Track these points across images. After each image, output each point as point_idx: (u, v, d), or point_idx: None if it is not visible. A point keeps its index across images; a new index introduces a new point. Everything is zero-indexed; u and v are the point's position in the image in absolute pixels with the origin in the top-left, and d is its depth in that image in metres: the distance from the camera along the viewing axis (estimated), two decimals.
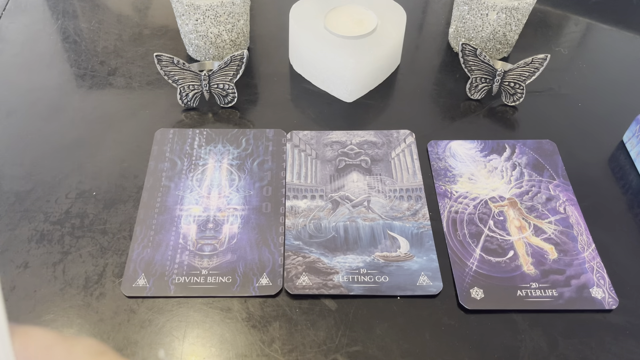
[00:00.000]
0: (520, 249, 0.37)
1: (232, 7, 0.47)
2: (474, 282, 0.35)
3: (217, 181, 0.41)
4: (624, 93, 0.50)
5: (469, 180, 0.41)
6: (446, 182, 0.41)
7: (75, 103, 0.47)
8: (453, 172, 0.42)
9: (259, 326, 0.33)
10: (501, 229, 0.38)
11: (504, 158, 0.42)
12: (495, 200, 0.40)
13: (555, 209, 0.39)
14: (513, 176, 0.41)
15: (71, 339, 0.15)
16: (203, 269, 0.36)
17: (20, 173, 0.41)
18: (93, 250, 0.37)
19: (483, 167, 0.42)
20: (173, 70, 0.44)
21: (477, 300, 0.35)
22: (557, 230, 0.38)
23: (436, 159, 0.42)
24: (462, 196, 0.40)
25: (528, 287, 0.35)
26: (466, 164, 0.42)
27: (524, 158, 0.42)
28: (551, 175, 0.41)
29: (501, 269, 0.36)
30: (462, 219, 0.39)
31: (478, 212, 0.39)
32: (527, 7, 0.48)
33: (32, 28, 0.54)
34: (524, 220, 0.39)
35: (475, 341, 0.33)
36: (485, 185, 0.41)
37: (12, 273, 0.35)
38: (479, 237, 0.38)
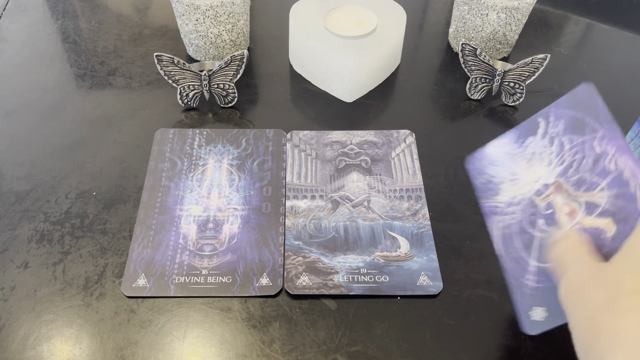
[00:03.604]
0: None
1: (232, 7, 0.47)
2: (532, 302, 0.31)
3: (217, 181, 0.41)
4: (624, 93, 0.50)
5: (511, 183, 0.35)
6: (489, 196, 0.36)
7: (75, 103, 0.47)
8: (494, 181, 0.36)
9: (259, 326, 0.33)
10: (552, 224, 0.32)
11: (540, 135, 0.35)
12: (540, 192, 0.34)
13: (605, 168, 0.32)
14: (553, 153, 0.34)
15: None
16: (203, 269, 0.36)
17: (20, 173, 0.41)
18: (93, 250, 0.37)
19: (521, 158, 0.35)
20: (173, 70, 0.44)
21: (539, 322, 0.31)
22: (612, 196, 0.31)
23: (477, 175, 0.37)
24: (508, 205, 0.35)
25: None
26: (506, 166, 0.36)
27: (560, 124, 0.35)
28: (594, 128, 0.33)
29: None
30: (512, 231, 0.34)
31: (525, 215, 0.34)
32: (527, 7, 0.48)
33: (32, 28, 0.54)
34: (574, 201, 0.32)
35: (475, 341, 0.33)
36: (528, 179, 0.35)
37: (12, 273, 0.35)
38: (531, 245, 0.33)
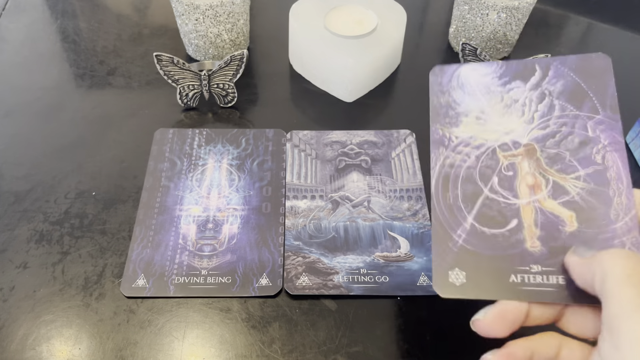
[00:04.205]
0: (527, 217, 0.28)
1: (232, 6, 0.46)
2: (455, 262, 0.27)
3: (217, 181, 0.41)
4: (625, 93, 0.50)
5: (476, 121, 0.30)
6: (445, 124, 0.30)
7: (75, 103, 0.47)
8: (457, 109, 0.30)
9: (258, 327, 0.33)
10: (507, 188, 0.28)
11: (530, 85, 0.30)
12: (507, 148, 0.29)
13: (590, 157, 0.28)
14: (538, 111, 0.29)
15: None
16: (203, 269, 0.35)
17: (19, 173, 0.41)
18: (92, 250, 0.37)
19: (499, 99, 0.30)
20: (173, 70, 0.44)
21: (455, 286, 0.27)
22: (585, 190, 0.28)
23: (438, 92, 0.31)
24: (462, 143, 0.29)
25: (527, 271, 0.27)
26: (476, 97, 0.30)
27: (558, 83, 0.30)
28: (594, 107, 0.29)
29: (496, 243, 0.27)
30: (457, 175, 0.29)
31: (480, 166, 0.29)
32: (528, 7, 0.48)
33: (32, 28, 0.54)
34: (541, 175, 0.28)
35: (475, 341, 0.33)
36: (498, 126, 0.30)
37: (12, 273, 0.35)
38: (475, 200, 0.28)
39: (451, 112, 0.30)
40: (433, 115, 0.30)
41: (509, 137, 0.29)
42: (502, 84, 0.30)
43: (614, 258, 0.22)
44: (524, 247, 0.27)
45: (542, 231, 0.27)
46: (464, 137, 0.30)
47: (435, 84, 0.31)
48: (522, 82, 0.30)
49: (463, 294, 0.27)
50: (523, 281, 0.27)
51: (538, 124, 0.29)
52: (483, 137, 0.30)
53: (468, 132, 0.30)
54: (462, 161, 0.29)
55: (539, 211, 0.28)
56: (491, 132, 0.30)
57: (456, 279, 0.27)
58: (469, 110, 0.30)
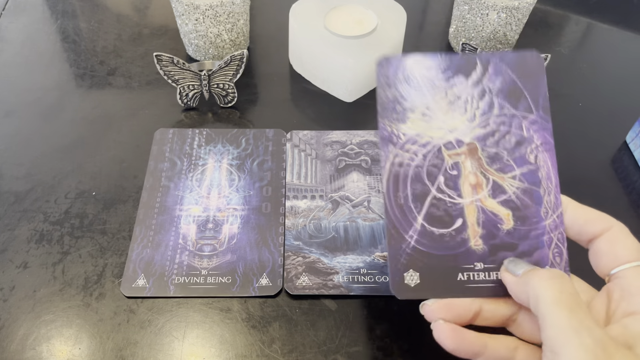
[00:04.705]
0: (470, 216, 0.29)
1: (232, 6, 0.46)
2: (410, 264, 0.28)
3: (217, 181, 0.41)
4: (625, 93, 0.50)
5: (422, 117, 0.29)
6: (393, 120, 0.29)
7: (75, 103, 0.47)
8: (404, 104, 0.30)
9: (258, 326, 0.33)
10: (452, 187, 0.29)
11: (472, 82, 0.30)
12: (451, 147, 0.29)
13: (525, 157, 0.29)
14: (479, 109, 0.30)
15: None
16: (203, 269, 0.35)
17: (19, 173, 0.41)
18: (92, 250, 0.37)
19: (443, 95, 0.30)
20: (173, 70, 0.44)
21: (410, 287, 0.28)
22: (519, 189, 0.29)
23: (385, 85, 0.30)
24: (410, 141, 0.29)
25: (472, 269, 0.28)
26: (422, 92, 0.30)
27: (497, 81, 0.30)
28: (528, 107, 0.30)
29: (444, 244, 0.28)
30: (406, 175, 0.29)
31: (427, 165, 0.29)
32: (528, 7, 0.48)
33: (32, 28, 0.54)
34: (482, 175, 0.29)
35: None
36: (442, 123, 0.30)
37: (12, 273, 0.35)
38: (424, 200, 0.29)
39: (398, 108, 0.30)
40: (381, 110, 0.29)
41: (453, 136, 0.30)
42: (445, 79, 0.30)
43: (542, 280, 0.24)
44: (468, 245, 0.28)
45: (484, 230, 0.28)
46: (411, 134, 0.29)
47: (382, 76, 0.30)
48: (464, 77, 0.30)
49: (417, 294, 0.28)
50: (469, 279, 0.28)
51: (480, 122, 0.30)
52: (429, 134, 0.29)
53: (415, 129, 0.29)
54: (411, 160, 0.29)
55: (481, 210, 0.29)
56: (436, 129, 0.30)
57: (411, 280, 0.28)
58: (415, 106, 0.30)
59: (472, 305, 0.27)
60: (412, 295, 0.28)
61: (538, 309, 0.23)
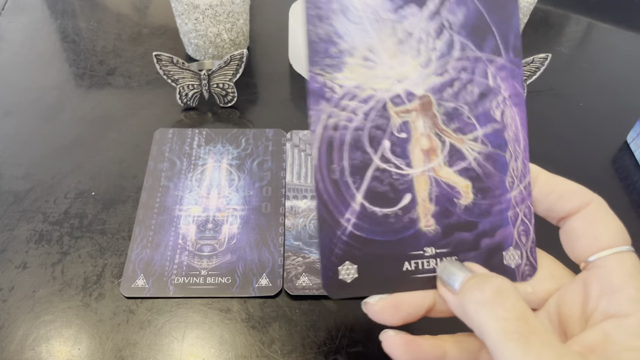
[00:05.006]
0: (421, 191, 0.23)
1: (232, 6, 0.46)
2: (345, 254, 0.23)
3: (217, 181, 0.41)
4: (626, 93, 0.50)
5: (363, 63, 0.23)
6: (326, 67, 0.22)
7: (74, 103, 0.47)
8: (340, 45, 0.23)
9: (258, 327, 0.33)
10: (400, 155, 0.23)
11: (428, 13, 0.23)
12: (400, 102, 0.23)
13: (489, 113, 0.24)
14: (436, 51, 0.23)
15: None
16: (202, 269, 0.35)
17: (19, 173, 0.41)
18: (92, 250, 0.36)
19: (390, 32, 0.23)
20: (172, 69, 0.44)
21: (346, 284, 0.23)
22: (482, 154, 0.23)
23: (315, 18, 0.23)
24: (348, 95, 0.23)
25: (421, 256, 0.23)
26: (363, 28, 0.23)
27: (459, 12, 0.23)
28: (496, 48, 0.24)
29: (388, 227, 0.23)
30: (342, 141, 0.23)
31: (370, 126, 0.23)
32: (528, 7, 0.47)
33: (31, 27, 0.54)
34: (437, 136, 0.23)
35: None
36: (389, 70, 0.23)
37: (11, 273, 0.35)
38: (364, 172, 0.23)
39: (333, 50, 0.22)
40: (310, 53, 0.22)
41: (402, 87, 0.23)
42: (393, 9, 0.23)
43: (480, 308, 0.19)
44: (417, 227, 0.23)
45: (437, 206, 0.23)
46: (350, 86, 0.22)
47: (311, 5, 0.22)
48: (418, 6, 0.23)
49: (355, 292, 0.23)
50: (417, 268, 0.23)
51: (436, 68, 0.23)
52: (372, 86, 0.23)
53: (354, 79, 0.23)
54: (348, 120, 0.23)
55: (434, 182, 0.23)
56: (382, 78, 0.23)
57: (347, 274, 0.23)
58: (354, 47, 0.23)
59: (424, 300, 0.23)
60: (348, 293, 0.23)
61: (485, 341, 0.19)
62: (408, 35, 0.23)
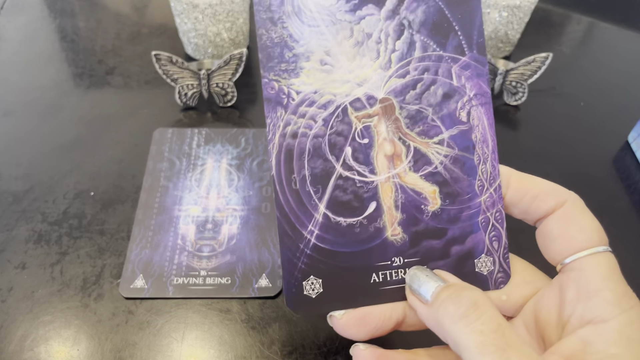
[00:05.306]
0: (386, 198, 0.23)
1: (231, 5, 0.46)
2: (309, 268, 0.22)
3: (216, 181, 0.40)
4: (627, 92, 0.50)
5: (320, 67, 0.22)
6: (281, 72, 0.22)
7: (73, 102, 0.47)
8: (295, 49, 0.22)
9: (258, 327, 0.33)
10: (363, 161, 0.23)
11: (386, 13, 0.23)
12: (361, 106, 0.23)
13: (455, 114, 0.23)
14: (396, 51, 0.23)
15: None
16: (202, 270, 0.35)
17: (17, 173, 0.41)
18: (91, 251, 0.36)
19: (348, 34, 0.23)
20: (172, 69, 0.44)
21: (311, 299, 0.22)
22: (448, 157, 0.23)
23: (267, 21, 0.22)
24: (306, 101, 0.22)
25: (388, 266, 0.23)
26: (319, 31, 0.22)
27: (419, 10, 0.23)
28: (459, 46, 0.23)
29: (353, 237, 0.23)
30: (302, 149, 0.22)
31: (330, 132, 0.22)
32: (529, 6, 0.47)
33: (30, 27, 0.54)
34: (401, 141, 0.23)
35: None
36: (348, 73, 0.23)
37: (10, 274, 0.35)
38: (327, 181, 0.22)
39: (288, 54, 0.22)
40: (264, 58, 0.22)
41: (362, 90, 0.23)
42: (350, 10, 0.22)
43: (455, 322, 0.18)
44: (384, 236, 0.23)
45: (404, 214, 0.23)
46: (308, 91, 0.22)
47: (263, 9, 0.22)
48: (376, 6, 0.22)
49: (320, 308, 0.22)
50: (385, 279, 0.23)
51: (396, 69, 0.23)
52: (330, 90, 0.22)
53: (312, 85, 0.22)
54: (307, 127, 0.22)
55: (399, 189, 0.23)
56: (340, 82, 0.22)
57: (312, 289, 0.22)
58: (310, 51, 0.22)
59: (392, 313, 0.22)
60: (313, 310, 0.22)
61: (461, 355, 0.18)
62: (366, 37, 0.23)
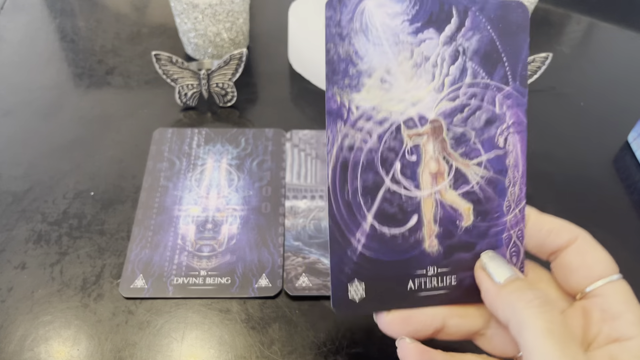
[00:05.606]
0: (427, 212, 0.24)
1: (231, 5, 0.46)
2: (355, 273, 0.24)
3: (216, 181, 0.40)
4: (627, 92, 0.50)
5: (380, 85, 0.23)
6: (344, 87, 0.23)
7: (73, 102, 0.47)
8: (359, 65, 0.23)
9: (258, 327, 0.33)
10: (409, 177, 0.24)
11: (445, 38, 0.24)
12: (412, 125, 0.24)
13: (494, 139, 0.25)
14: (450, 76, 0.24)
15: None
16: (202, 269, 0.35)
17: (17, 173, 0.41)
18: (91, 251, 0.36)
19: (408, 55, 0.23)
20: (172, 69, 0.44)
21: (354, 302, 0.24)
22: (484, 179, 0.24)
23: (336, 36, 0.23)
24: (364, 116, 0.23)
25: (423, 275, 0.24)
26: (382, 49, 0.23)
27: (474, 38, 0.24)
28: (505, 76, 0.25)
29: (395, 247, 0.24)
30: (357, 162, 0.23)
31: (383, 148, 0.23)
32: (529, 6, 0.47)
33: (30, 27, 0.54)
34: (445, 160, 0.24)
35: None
36: (404, 93, 0.24)
37: (10, 274, 0.35)
38: (376, 194, 0.24)
39: (352, 70, 0.23)
40: (330, 72, 0.23)
41: (415, 110, 0.24)
42: (413, 32, 0.23)
43: (530, 307, 0.21)
44: (422, 248, 0.24)
45: (441, 228, 0.24)
46: (366, 107, 0.23)
47: (333, 24, 0.22)
48: (436, 31, 0.24)
49: (362, 310, 0.24)
50: (420, 287, 0.24)
51: (448, 92, 0.24)
52: (387, 108, 0.23)
53: (371, 101, 0.23)
54: (363, 142, 0.23)
55: (439, 204, 0.24)
56: (397, 101, 0.23)
57: (355, 293, 0.24)
58: (372, 68, 0.23)
59: (433, 321, 0.24)
60: (356, 312, 0.24)
61: (522, 337, 0.21)
62: (424, 59, 0.24)
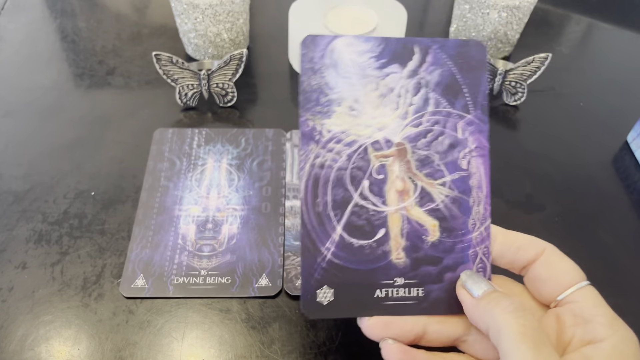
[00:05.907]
0: (394, 227, 0.27)
1: (232, 5, 0.46)
2: (324, 279, 0.26)
3: (217, 181, 0.41)
4: (626, 92, 0.50)
5: (349, 112, 0.26)
6: (316, 113, 0.26)
7: (74, 103, 0.47)
8: (329, 95, 0.26)
9: (258, 327, 0.33)
10: (377, 193, 0.26)
11: (408, 72, 0.27)
12: (379, 147, 0.27)
13: (457, 162, 0.27)
14: (413, 105, 0.27)
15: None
16: (202, 269, 0.35)
17: (18, 173, 0.41)
18: (91, 250, 0.36)
19: (374, 86, 0.27)
20: (172, 69, 0.44)
21: (322, 305, 0.26)
22: (449, 197, 0.27)
23: (309, 70, 0.26)
24: (335, 139, 0.26)
25: (391, 285, 0.26)
26: (351, 82, 0.27)
27: (435, 72, 0.27)
28: (466, 105, 0.27)
29: (363, 257, 0.26)
30: (327, 178, 0.26)
31: (352, 167, 0.26)
32: (529, 6, 0.47)
33: (31, 27, 0.54)
34: (410, 180, 0.27)
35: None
36: (371, 119, 0.27)
37: (10, 274, 0.35)
38: (345, 207, 0.26)
39: (323, 99, 0.26)
40: (303, 100, 0.26)
41: (381, 134, 0.27)
42: (378, 67, 0.27)
43: (505, 313, 0.22)
44: (389, 259, 0.26)
45: (407, 241, 0.26)
46: (336, 131, 0.26)
47: (306, 59, 0.26)
48: (400, 66, 0.27)
49: (330, 313, 0.26)
50: (387, 295, 0.26)
51: (412, 119, 0.27)
52: (356, 132, 0.26)
53: (340, 126, 0.26)
54: (333, 161, 0.26)
55: (406, 220, 0.27)
56: (364, 126, 0.27)
57: (324, 297, 0.26)
58: (342, 98, 0.26)
59: (414, 327, 0.25)
60: (324, 315, 0.26)
61: (500, 343, 0.22)
62: (389, 90, 0.27)
